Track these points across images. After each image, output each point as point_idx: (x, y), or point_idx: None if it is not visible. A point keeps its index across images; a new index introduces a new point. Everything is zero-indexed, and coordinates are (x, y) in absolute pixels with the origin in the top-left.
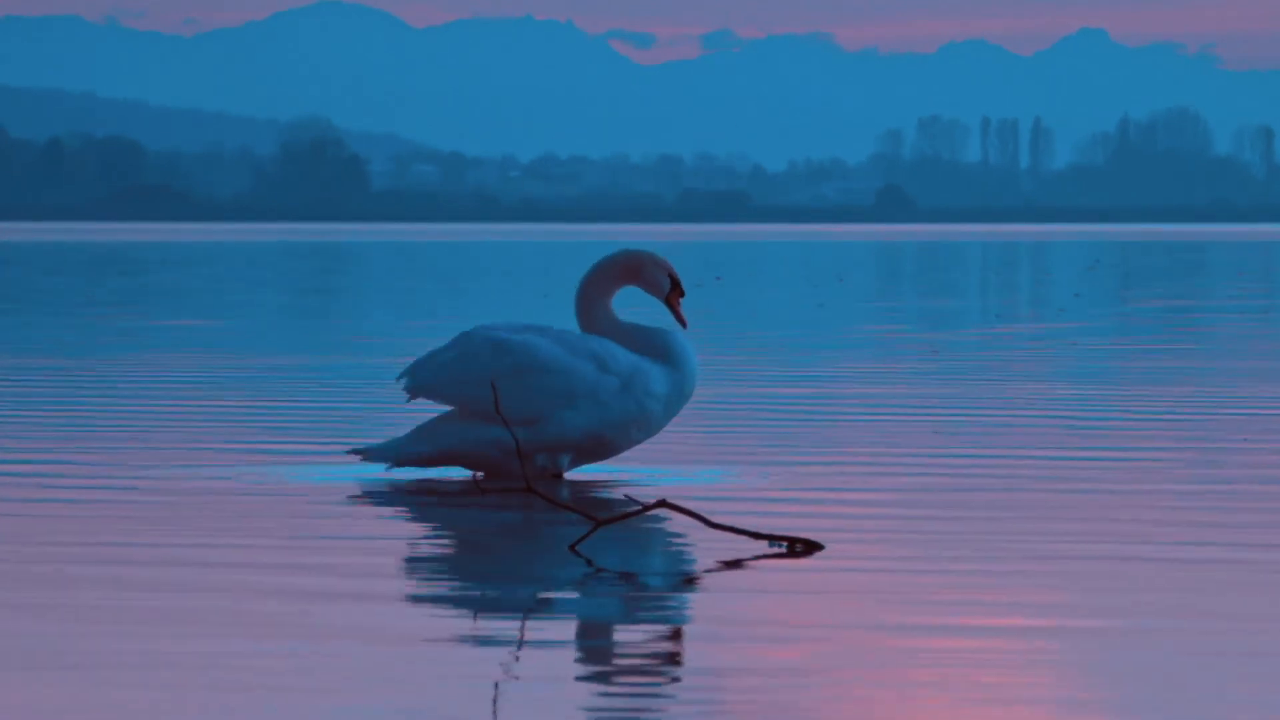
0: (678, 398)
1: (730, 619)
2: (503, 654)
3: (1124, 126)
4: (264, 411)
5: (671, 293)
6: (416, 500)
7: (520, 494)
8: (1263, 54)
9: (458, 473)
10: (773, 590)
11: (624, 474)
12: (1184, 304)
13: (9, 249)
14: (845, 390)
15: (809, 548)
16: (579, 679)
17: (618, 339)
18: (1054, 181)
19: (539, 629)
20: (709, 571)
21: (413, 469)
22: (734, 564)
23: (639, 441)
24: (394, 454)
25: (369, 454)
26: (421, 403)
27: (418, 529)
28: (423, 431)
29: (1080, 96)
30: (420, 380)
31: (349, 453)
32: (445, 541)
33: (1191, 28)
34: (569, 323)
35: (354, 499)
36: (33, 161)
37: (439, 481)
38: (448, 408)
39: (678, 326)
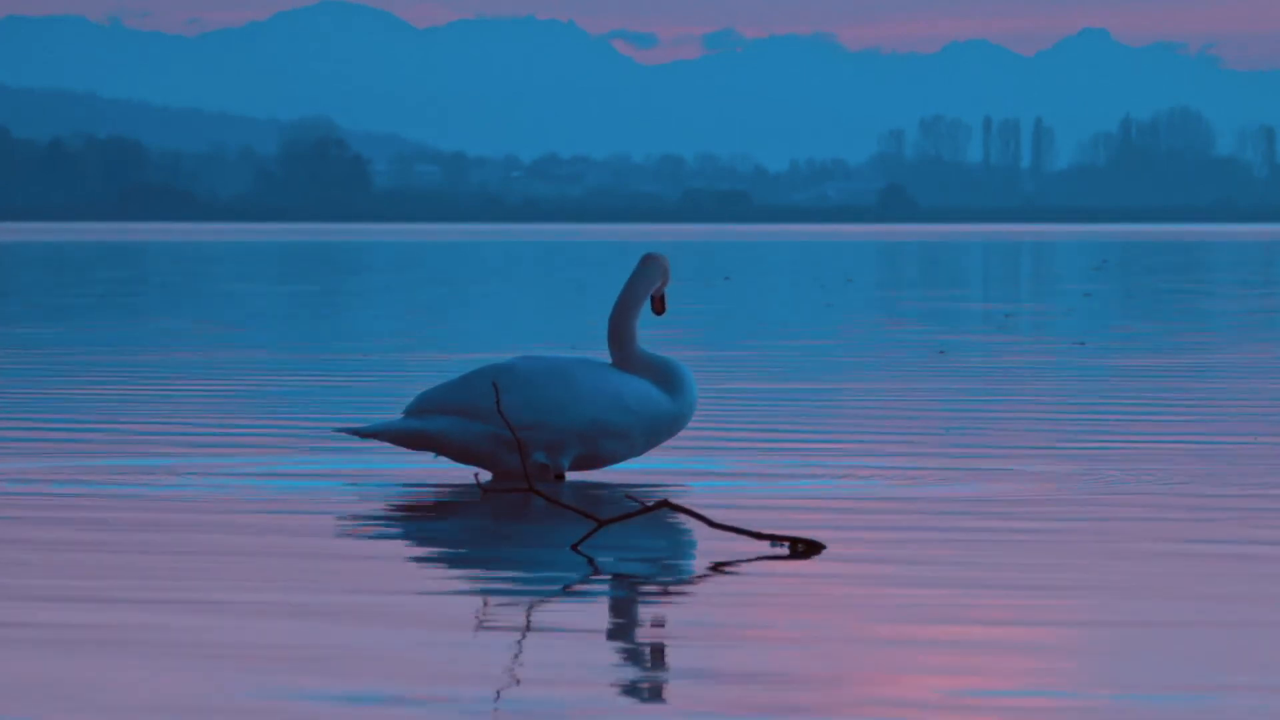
0: (670, 425)
1: (731, 619)
2: (504, 654)
3: (1126, 126)
4: (261, 412)
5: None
6: (418, 501)
7: (522, 494)
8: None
9: (459, 474)
10: (774, 591)
11: (626, 474)
12: (1190, 304)
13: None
14: (849, 390)
15: (811, 548)
16: (580, 679)
17: (636, 363)
18: (1056, 181)
19: (540, 629)
20: (710, 572)
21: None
22: (735, 564)
23: (624, 457)
24: (384, 427)
25: (360, 432)
26: None
27: (419, 529)
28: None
29: (1082, 96)
30: (423, 398)
31: (336, 430)
32: (447, 542)
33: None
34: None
35: (354, 500)
36: (35, 161)
37: (440, 482)
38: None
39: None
